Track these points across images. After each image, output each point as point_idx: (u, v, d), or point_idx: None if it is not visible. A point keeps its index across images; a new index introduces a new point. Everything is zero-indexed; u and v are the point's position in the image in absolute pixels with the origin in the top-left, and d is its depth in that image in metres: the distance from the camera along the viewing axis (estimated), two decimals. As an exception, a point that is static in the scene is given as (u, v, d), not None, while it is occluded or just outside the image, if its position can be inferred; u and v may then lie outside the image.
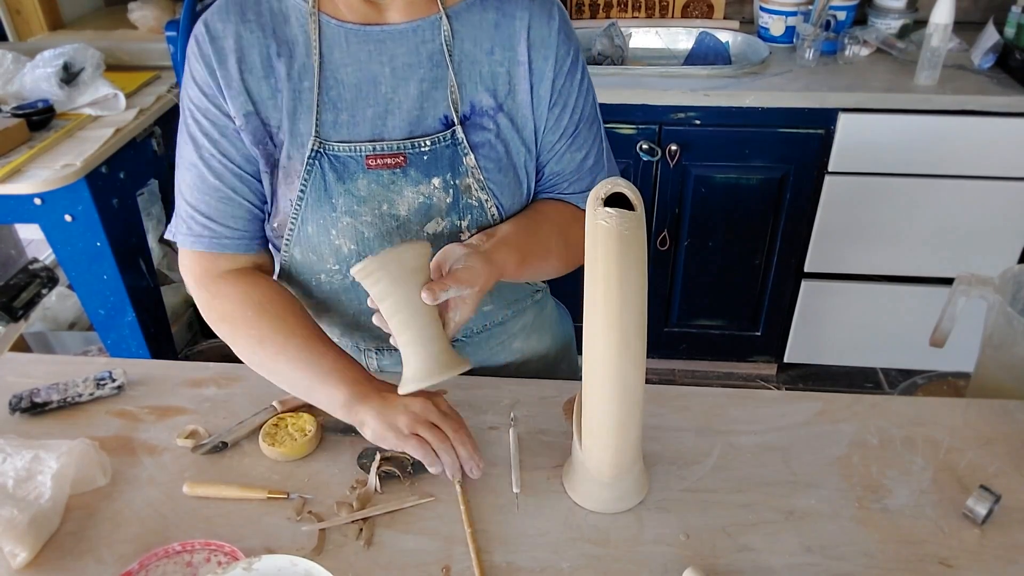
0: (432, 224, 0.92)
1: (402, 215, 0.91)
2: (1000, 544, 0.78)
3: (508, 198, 0.95)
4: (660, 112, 1.97)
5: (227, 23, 0.87)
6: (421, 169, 0.90)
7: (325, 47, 0.88)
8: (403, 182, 0.90)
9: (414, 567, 0.77)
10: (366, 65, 0.88)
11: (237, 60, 0.87)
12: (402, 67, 0.89)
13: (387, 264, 0.78)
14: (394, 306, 0.79)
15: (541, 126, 0.94)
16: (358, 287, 0.94)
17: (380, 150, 0.89)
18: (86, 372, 1.01)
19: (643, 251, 0.70)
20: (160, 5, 2.32)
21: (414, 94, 0.89)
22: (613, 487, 0.81)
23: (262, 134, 0.89)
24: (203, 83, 0.88)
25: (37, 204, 1.65)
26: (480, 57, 0.90)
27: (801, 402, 0.97)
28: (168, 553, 0.78)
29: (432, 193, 0.91)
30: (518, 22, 0.90)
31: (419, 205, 0.91)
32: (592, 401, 0.76)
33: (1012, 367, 0.98)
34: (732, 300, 2.30)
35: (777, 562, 0.77)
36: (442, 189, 0.91)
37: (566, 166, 0.97)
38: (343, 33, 0.88)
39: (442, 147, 0.90)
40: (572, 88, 0.94)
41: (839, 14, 2.15)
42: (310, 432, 0.90)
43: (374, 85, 0.89)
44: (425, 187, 0.90)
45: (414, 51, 0.89)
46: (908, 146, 1.95)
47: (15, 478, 0.82)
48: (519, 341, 1.11)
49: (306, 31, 0.88)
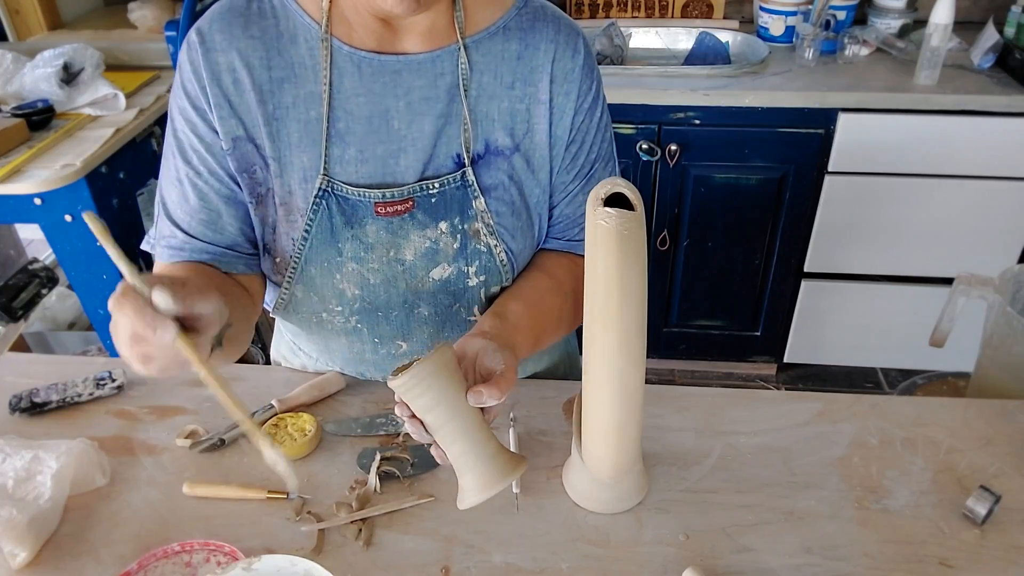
0: (438, 270, 0.88)
1: (408, 260, 0.87)
2: (1000, 544, 0.78)
3: (518, 243, 0.90)
4: (660, 112, 1.97)
5: (226, 35, 0.80)
6: (428, 212, 0.85)
7: (335, 75, 0.81)
8: (410, 226, 0.85)
9: (413, 567, 0.77)
10: (380, 98, 0.82)
11: (233, 80, 0.80)
12: (418, 101, 0.83)
13: (429, 374, 0.70)
14: (442, 416, 0.72)
15: (556, 166, 0.89)
16: (361, 332, 0.92)
17: (390, 197, 0.83)
18: (86, 372, 1.01)
19: (643, 251, 0.70)
20: (160, 5, 2.32)
21: (428, 131, 0.83)
22: (613, 487, 0.81)
23: (251, 161, 0.83)
24: (192, 96, 0.81)
25: (37, 204, 1.65)
26: (499, 92, 0.84)
27: (801, 402, 0.97)
28: (167, 553, 0.78)
29: (439, 238, 0.86)
30: (542, 55, 0.85)
31: (425, 250, 0.87)
32: (592, 401, 0.76)
33: (1012, 367, 0.98)
34: (732, 300, 2.30)
35: (777, 562, 0.77)
36: (449, 234, 0.86)
37: (577, 209, 0.92)
38: (356, 61, 0.81)
39: (451, 189, 0.85)
40: (591, 126, 0.90)
41: (839, 14, 2.15)
42: (310, 432, 0.90)
43: (386, 120, 0.83)
44: (432, 231, 0.86)
45: (432, 84, 0.83)
46: (908, 146, 1.95)
47: (15, 478, 0.82)
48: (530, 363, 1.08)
49: (315, 55, 0.81)
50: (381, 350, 0.96)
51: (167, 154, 0.86)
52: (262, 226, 0.87)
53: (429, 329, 0.93)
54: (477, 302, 0.92)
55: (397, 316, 0.91)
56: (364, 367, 1.00)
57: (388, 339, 0.94)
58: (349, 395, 0.99)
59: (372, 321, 0.92)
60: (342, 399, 0.99)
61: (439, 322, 0.93)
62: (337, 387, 0.99)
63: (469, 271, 0.89)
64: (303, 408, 0.95)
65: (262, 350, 2.26)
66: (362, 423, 0.94)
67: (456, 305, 0.92)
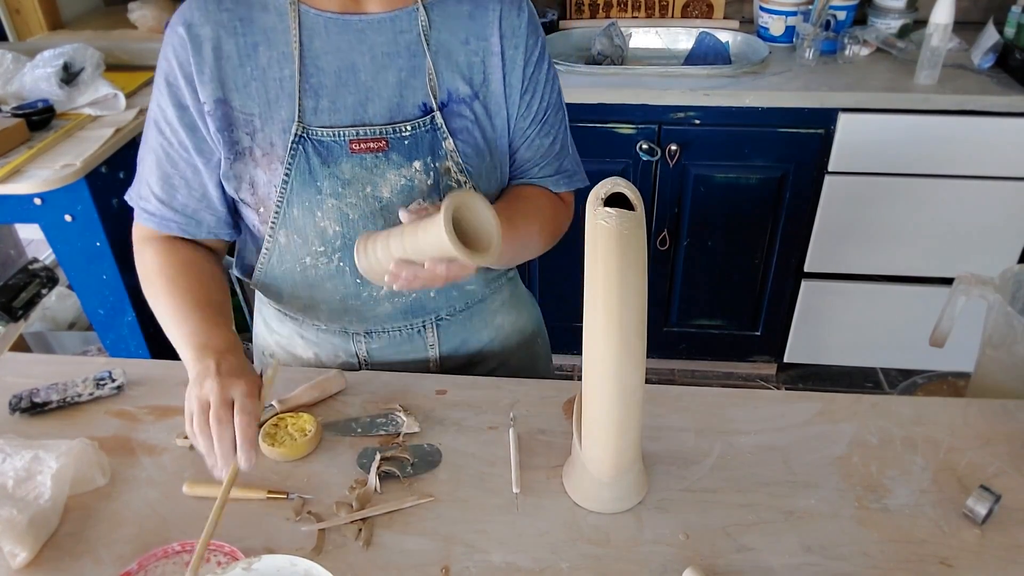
0: (414, 205, 0.95)
1: (385, 197, 0.94)
2: (1000, 544, 0.78)
3: (485, 182, 0.98)
4: (660, 112, 1.97)
5: (203, 12, 0.89)
6: (403, 153, 0.93)
7: (305, 36, 0.90)
8: (385, 165, 0.93)
9: (413, 567, 0.77)
10: (346, 53, 0.91)
11: (213, 48, 0.89)
12: (381, 56, 0.91)
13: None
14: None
15: (514, 112, 0.98)
16: (344, 272, 0.98)
17: (363, 135, 0.92)
18: (85, 372, 1.01)
19: (643, 251, 0.70)
20: (160, 5, 2.32)
21: (392, 82, 0.92)
22: (613, 487, 0.81)
23: (230, 120, 0.91)
24: (175, 70, 0.90)
25: (37, 204, 1.65)
26: (456, 47, 0.93)
27: (801, 402, 0.97)
28: (167, 553, 0.78)
29: (414, 176, 0.94)
30: (491, 13, 0.94)
31: (401, 187, 0.94)
32: (592, 401, 0.76)
33: (1012, 367, 0.98)
34: (732, 300, 2.30)
35: (777, 562, 0.77)
36: (423, 172, 0.94)
37: (535, 151, 1.01)
38: (323, 22, 0.90)
39: (422, 132, 0.93)
40: (540, 76, 0.98)
41: (839, 14, 2.15)
42: (310, 432, 0.90)
43: (354, 73, 0.91)
44: (407, 170, 0.93)
45: (392, 40, 0.92)
46: (908, 146, 1.95)
47: (15, 478, 0.82)
48: (500, 316, 1.14)
49: (285, 20, 0.90)
50: (363, 293, 1.01)
51: (147, 124, 0.95)
52: (238, 183, 0.94)
53: None
54: None
55: None
56: (348, 318, 1.04)
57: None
58: (349, 395, 0.99)
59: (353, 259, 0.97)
60: (342, 399, 0.99)
61: None
62: (337, 387, 0.99)
63: None
64: (303, 408, 0.95)
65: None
66: (362, 423, 0.94)
67: None
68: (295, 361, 1.12)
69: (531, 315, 1.21)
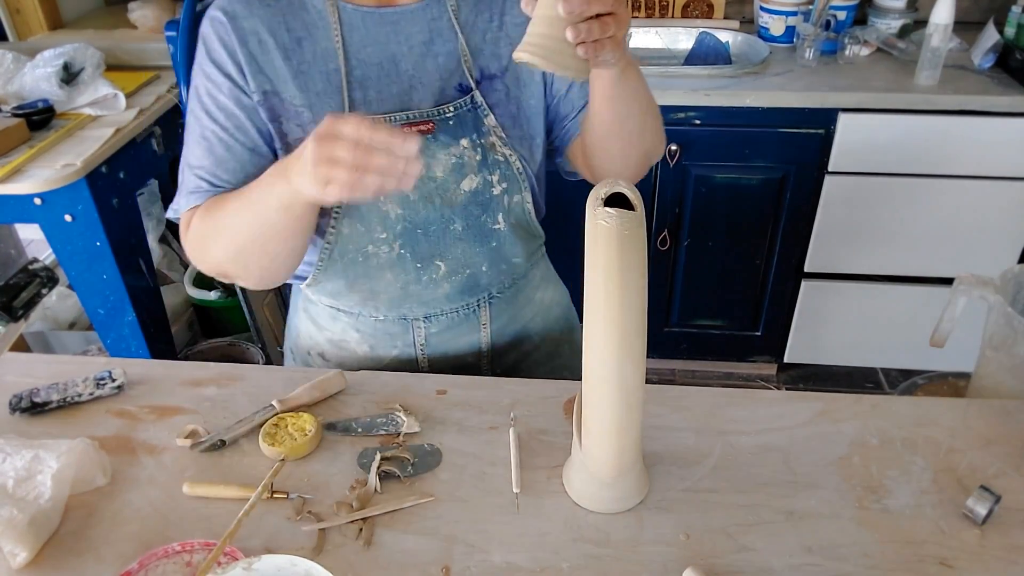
0: (467, 181, 0.99)
1: (439, 176, 0.97)
2: (1000, 544, 0.78)
3: (527, 151, 1.02)
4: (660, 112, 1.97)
5: (245, 6, 0.92)
6: (449, 133, 0.97)
7: (346, 30, 0.94)
8: (435, 147, 0.96)
9: (414, 567, 0.77)
10: (385, 45, 0.95)
11: (258, 42, 0.91)
12: (419, 45, 0.96)
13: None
14: None
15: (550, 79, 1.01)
16: (404, 258, 1.01)
17: (412, 119, 0.95)
18: (86, 372, 1.01)
19: (643, 251, 0.70)
20: (160, 5, 2.31)
21: (432, 69, 0.96)
22: (613, 487, 0.81)
23: (278, 113, 0.93)
24: (219, 62, 0.91)
25: (37, 204, 1.65)
26: (482, 25, 0.98)
27: (801, 402, 0.97)
28: (168, 553, 0.78)
29: (463, 153, 0.97)
30: None
31: (452, 165, 0.97)
32: (592, 401, 0.76)
33: (1012, 367, 0.98)
34: (732, 300, 2.30)
35: (777, 562, 0.77)
36: (471, 148, 0.98)
37: (578, 101, 1.02)
38: (360, 16, 0.94)
39: (464, 111, 0.97)
40: None
41: (839, 14, 2.15)
42: (310, 432, 0.90)
43: (395, 64, 0.95)
44: (455, 148, 0.97)
45: (427, 29, 0.96)
46: (908, 146, 1.95)
47: (15, 478, 0.82)
48: (540, 292, 1.16)
49: (324, 16, 0.93)
50: (423, 277, 1.03)
51: (191, 121, 0.95)
52: None
53: (463, 245, 1.02)
54: (501, 209, 1.02)
55: (435, 231, 1.00)
56: (408, 305, 1.05)
57: (428, 260, 1.01)
58: (349, 395, 0.99)
59: (413, 241, 1.00)
60: (342, 399, 0.99)
61: (470, 236, 1.02)
62: (337, 387, 0.99)
63: (493, 179, 1.00)
64: (303, 408, 0.95)
65: (262, 350, 2.26)
66: (362, 423, 0.94)
67: (484, 216, 1.01)
68: (348, 357, 1.12)
69: (561, 288, 1.24)
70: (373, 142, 0.71)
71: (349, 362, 1.12)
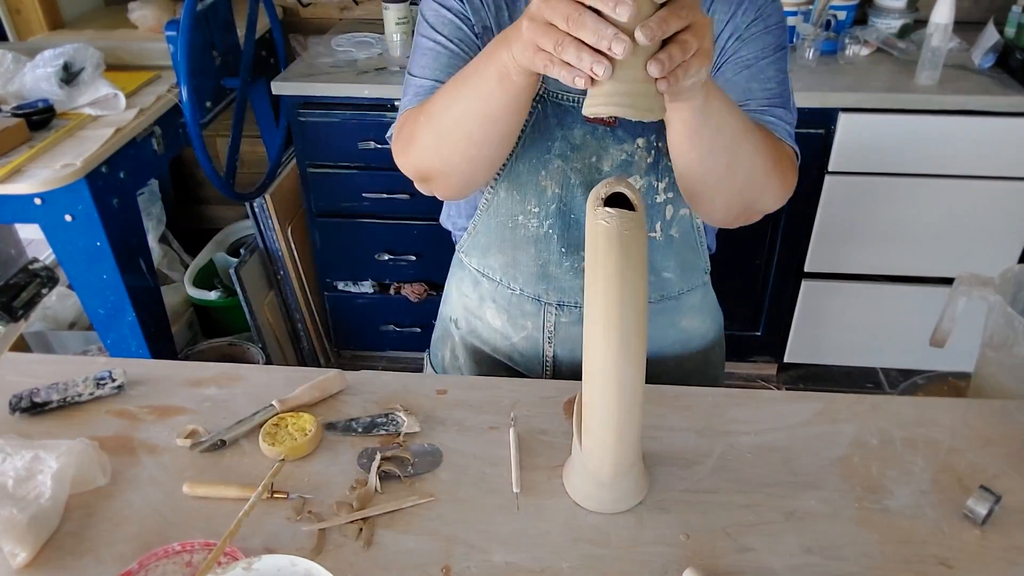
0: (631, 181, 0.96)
1: (605, 170, 0.97)
2: (1000, 545, 0.78)
3: None
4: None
5: None
6: (628, 130, 0.95)
7: None
8: (611, 140, 0.96)
9: (414, 567, 0.77)
10: None
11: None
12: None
13: None
14: None
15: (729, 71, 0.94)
16: (550, 239, 1.01)
17: None
18: (86, 372, 1.01)
19: (643, 251, 0.70)
20: (160, 5, 2.31)
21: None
22: (613, 487, 0.81)
23: None
24: (449, 3, 0.93)
25: (37, 204, 1.65)
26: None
27: (801, 402, 0.97)
28: (168, 553, 0.78)
29: (635, 152, 0.96)
30: None
31: (621, 162, 0.97)
32: (592, 401, 0.76)
33: (1012, 367, 0.98)
34: (732, 300, 2.28)
35: (777, 563, 0.77)
36: (644, 149, 0.96)
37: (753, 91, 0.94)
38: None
39: None
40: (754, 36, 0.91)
41: (839, 14, 2.15)
42: (310, 432, 0.90)
43: None
44: (629, 146, 0.96)
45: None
46: (908, 146, 1.95)
47: (15, 478, 0.82)
48: (687, 320, 1.13)
49: None
50: (565, 262, 1.02)
51: (417, 44, 0.97)
52: None
53: None
54: (660, 218, 1.01)
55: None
56: (545, 284, 1.05)
57: (574, 249, 1.01)
58: (349, 395, 0.99)
59: (564, 225, 1.00)
60: (342, 399, 0.99)
61: None
62: (337, 387, 0.99)
63: (659, 186, 0.98)
64: (303, 408, 0.95)
65: (262, 350, 2.26)
66: (362, 423, 0.94)
67: None
68: (482, 328, 1.13)
69: (715, 321, 1.20)
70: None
71: (480, 331, 1.13)
